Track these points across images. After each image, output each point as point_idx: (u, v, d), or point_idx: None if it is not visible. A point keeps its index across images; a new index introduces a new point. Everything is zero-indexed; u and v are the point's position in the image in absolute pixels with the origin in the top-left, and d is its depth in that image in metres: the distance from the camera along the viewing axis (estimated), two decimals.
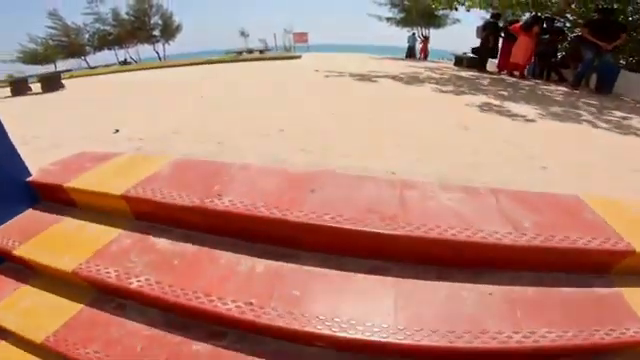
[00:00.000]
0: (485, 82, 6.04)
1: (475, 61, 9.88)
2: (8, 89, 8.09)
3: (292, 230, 1.31)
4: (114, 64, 23.22)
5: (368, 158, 1.96)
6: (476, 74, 7.60)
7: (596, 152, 2.35)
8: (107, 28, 23.77)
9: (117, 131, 2.49)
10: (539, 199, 1.43)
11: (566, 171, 1.92)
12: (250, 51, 18.20)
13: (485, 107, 3.67)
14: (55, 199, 1.73)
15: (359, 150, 2.08)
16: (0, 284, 1.44)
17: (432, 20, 16.52)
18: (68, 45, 23.63)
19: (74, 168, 1.80)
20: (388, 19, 17.73)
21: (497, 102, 3.99)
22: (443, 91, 4.60)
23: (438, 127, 2.76)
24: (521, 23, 7.35)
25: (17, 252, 1.44)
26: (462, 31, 17.80)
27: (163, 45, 24.92)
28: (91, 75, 14.35)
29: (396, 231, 1.20)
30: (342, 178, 1.56)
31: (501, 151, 2.19)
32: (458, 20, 17.27)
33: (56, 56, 23.68)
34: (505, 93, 4.82)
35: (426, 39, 16.41)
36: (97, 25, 23.78)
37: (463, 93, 4.54)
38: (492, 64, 8.57)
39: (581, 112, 3.83)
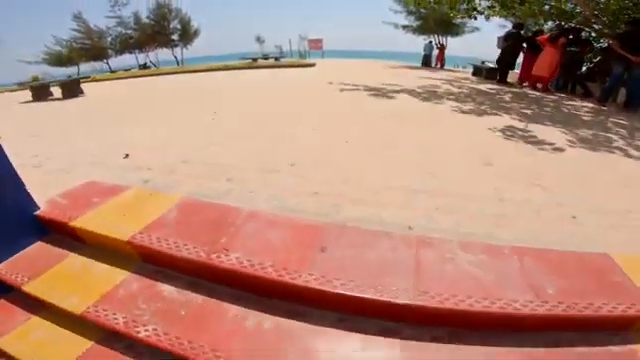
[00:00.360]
0: (507, 97, 5.81)
1: (495, 72, 9.62)
2: (30, 93, 8.34)
3: (302, 291, 1.23)
4: (134, 67, 23.87)
5: (383, 206, 1.82)
6: (496, 87, 7.36)
7: (633, 194, 2.14)
8: (128, 32, 24.38)
9: (127, 156, 2.46)
10: (565, 259, 1.35)
11: (599, 222, 1.74)
12: (266, 57, 18.31)
13: (509, 132, 3.46)
14: (64, 233, 1.73)
15: (373, 194, 1.94)
16: (12, 313, 1.46)
17: (449, 28, 16.18)
18: (91, 48, 24.29)
19: (82, 202, 1.81)
20: (404, 27, 17.43)
21: (521, 125, 3.78)
22: (463, 111, 4.38)
23: (460, 162, 2.54)
24: (547, 34, 7.07)
25: (26, 288, 1.46)
26: (480, 38, 17.41)
27: (181, 49, 25.44)
28: (111, 79, 14.77)
29: (410, 301, 1.14)
30: (354, 234, 1.47)
31: (529, 198, 2.01)
32: (477, 28, 16.88)
33: (80, 59, 24.39)
34: (529, 112, 4.60)
35: (443, 47, 16.13)
36: (119, 29, 24.39)
37: (484, 113, 4.33)
38: (512, 74, 8.27)
39: (612, 136, 3.60)
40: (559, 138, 3.34)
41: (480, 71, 11.04)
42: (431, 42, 15.97)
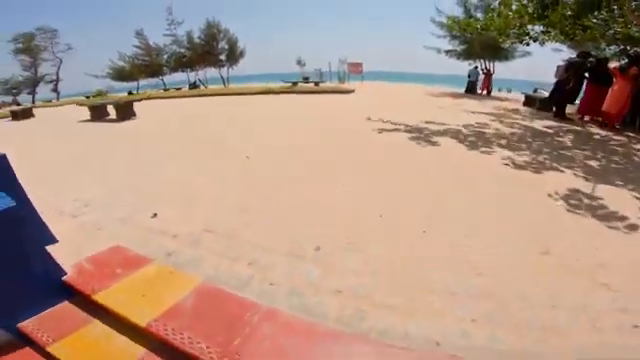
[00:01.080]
0: (567, 141, 5.21)
1: (549, 103, 8.85)
2: (89, 112, 9.08)
3: None
4: (185, 84, 25.56)
5: (415, 314, 1.56)
6: (553, 124, 6.70)
7: None
8: (182, 50, 26.23)
9: (155, 215, 2.45)
10: None
11: None
12: (306, 79, 18.70)
13: (572, 199, 2.97)
14: (89, 302, 1.78)
15: (406, 297, 1.67)
16: None
17: (497, 53, 15.31)
18: (149, 65, 26.48)
19: (106, 272, 1.89)
20: (447, 52, 16.82)
21: (587, 186, 3.26)
22: (517, 164, 3.88)
23: (512, 250, 2.13)
24: (618, 64, 6.35)
25: (50, 349, 1.52)
26: (528, 61, 16.26)
27: (227, 69, 26.80)
28: (163, 98, 15.85)
29: None
30: (379, 350, 1.35)
31: (588, 303, 1.63)
32: (528, 53, 15.82)
33: (139, 74, 26.69)
34: (595, 164, 4.03)
35: (489, 73, 15.38)
36: (174, 47, 26.36)
37: (542, 167, 3.82)
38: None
39: None
40: (633, 208, 2.81)
41: (533, 101, 10.23)
42: (476, 67, 15.28)
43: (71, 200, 2.90)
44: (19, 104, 31.49)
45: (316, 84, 15.81)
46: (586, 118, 7.25)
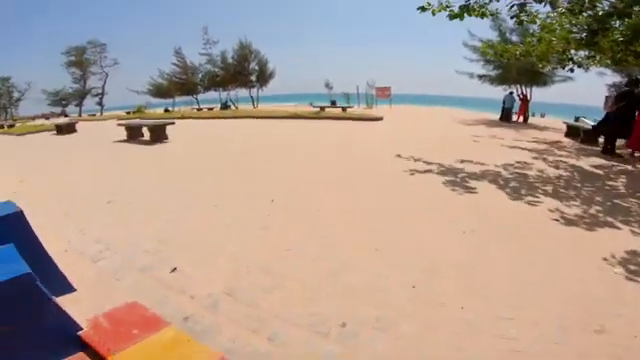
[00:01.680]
0: (621, 185, 4.68)
1: (594, 135, 8.20)
2: (125, 132, 9.52)
3: None
4: (217, 103, 26.54)
5: None
6: (603, 162, 6.13)
7: None
8: (215, 70, 27.29)
9: (174, 269, 2.35)
10: None
11: None
12: (333, 102, 18.83)
13: (632, 264, 2.51)
14: None
15: None
16: None
17: (535, 78, 14.61)
18: (185, 83, 27.78)
19: (122, 331, 1.77)
20: (480, 77, 16.24)
21: None
22: (566, 217, 3.41)
23: (560, 328, 1.80)
24: None
25: None
26: (567, 84, 15.27)
27: (257, 90, 27.61)
28: (195, 118, 16.49)
29: None
30: None
31: None
32: (570, 78, 14.96)
33: (176, 92, 28.11)
34: None
35: (526, 99, 14.66)
36: (208, 66, 27.47)
37: (595, 221, 3.35)
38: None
39: None
40: None
41: (576, 132, 9.54)
42: (512, 93, 14.64)
43: (93, 241, 2.89)
44: (67, 115, 34.22)
45: (344, 109, 15.73)
46: (637, 154, 6.61)
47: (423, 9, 4.98)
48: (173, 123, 9.07)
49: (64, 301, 1.91)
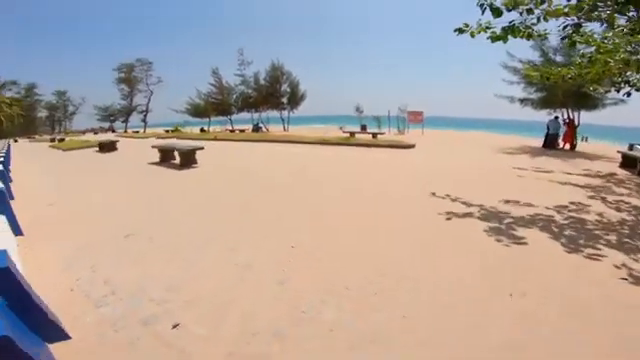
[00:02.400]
0: None
1: None
2: (158, 154, 9.84)
3: None
4: (249, 123, 27.22)
5: None
6: None
7: None
8: (249, 91, 28.14)
9: (176, 326, 2.15)
10: None
11: None
12: (364, 127, 18.55)
13: None
14: None
15: None
16: None
17: (584, 101, 13.40)
18: (220, 103, 28.87)
19: None
20: (521, 100, 15.18)
21: None
22: (635, 276, 2.79)
23: None
24: None
25: None
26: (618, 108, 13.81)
27: (288, 112, 28.04)
28: (228, 140, 16.91)
29: None
30: None
31: None
32: (622, 101, 13.60)
33: (212, 112, 29.22)
34: None
35: (572, 123, 13.43)
36: (242, 87, 28.41)
37: None
38: None
39: None
40: None
41: (632, 162, 8.46)
42: (557, 118, 13.52)
43: (102, 281, 2.76)
44: (114, 130, 36.78)
45: (374, 136, 15.32)
46: None
47: (461, 31, 4.60)
48: (202, 148, 9.22)
49: (56, 348, 1.79)
